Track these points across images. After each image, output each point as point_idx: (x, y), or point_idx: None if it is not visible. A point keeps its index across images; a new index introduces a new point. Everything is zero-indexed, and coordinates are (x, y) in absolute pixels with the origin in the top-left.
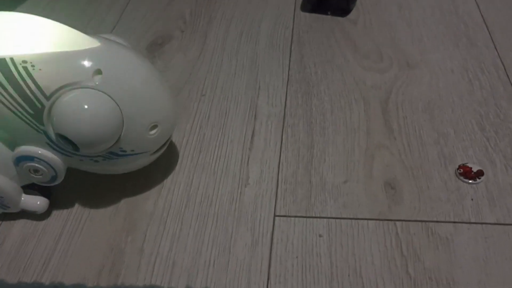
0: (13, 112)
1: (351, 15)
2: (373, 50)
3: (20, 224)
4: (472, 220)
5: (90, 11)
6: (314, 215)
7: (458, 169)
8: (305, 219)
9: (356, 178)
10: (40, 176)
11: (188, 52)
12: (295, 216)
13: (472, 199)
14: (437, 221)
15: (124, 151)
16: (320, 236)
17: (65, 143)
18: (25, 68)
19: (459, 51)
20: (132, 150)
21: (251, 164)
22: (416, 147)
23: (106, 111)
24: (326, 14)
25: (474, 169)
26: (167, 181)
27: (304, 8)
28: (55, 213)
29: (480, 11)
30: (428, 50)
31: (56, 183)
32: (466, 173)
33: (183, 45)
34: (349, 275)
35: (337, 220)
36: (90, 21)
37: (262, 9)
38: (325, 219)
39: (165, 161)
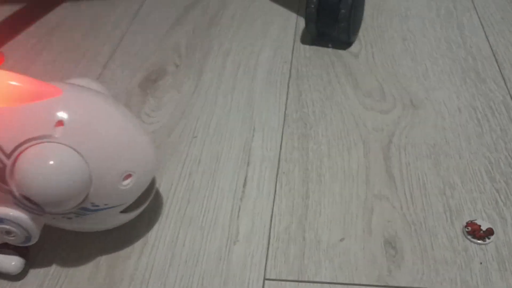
0: None
1: (353, 48)
2: (375, 87)
3: None
4: (481, 287)
5: (86, 45)
6: (307, 279)
7: (466, 226)
8: (297, 283)
9: (354, 234)
10: (13, 238)
11: (182, 88)
12: (286, 280)
13: (481, 263)
14: None
15: (97, 205)
16: None
17: (30, 204)
18: None
19: (466, 88)
20: (106, 204)
21: (242, 217)
22: (419, 199)
23: (70, 166)
24: (327, 46)
25: (483, 227)
26: (151, 236)
27: (304, 40)
28: (32, 272)
29: (489, 44)
30: (434, 86)
31: (31, 243)
32: (474, 231)
33: (177, 81)
34: None
35: (332, 285)
36: (84, 55)
37: (261, 40)
38: (318, 284)
39: (149, 212)
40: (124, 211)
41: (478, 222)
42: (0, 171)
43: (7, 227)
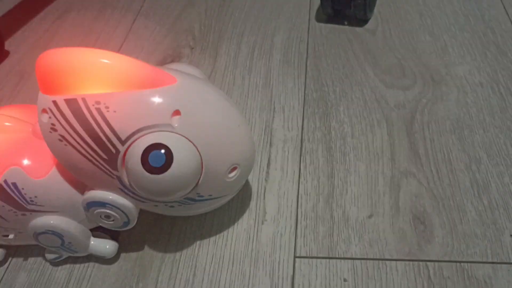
0: (85, 156)
1: (369, 25)
2: (395, 64)
3: (25, 270)
4: None
5: (97, 29)
6: (337, 256)
7: None
8: (328, 260)
9: (382, 211)
10: (112, 222)
11: None
12: (317, 257)
13: (511, 235)
14: (473, 262)
15: (202, 196)
16: (345, 280)
17: (137, 191)
18: (99, 110)
19: (487, 62)
20: (210, 195)
21: (268, 197)
22: (446, 174)
23: (186, 157)
24: (343, 24)
25: None
26: (179, 218)
27: (319, 18)
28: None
29: (508, 16)
30: (454, 61)
31: (127, 228)
32: None
33: (193, 63)
34: None
35: (363, 261)
36: (97, 39)
37: (274, 21)
38: (349, 261)
39: None
40: None
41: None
42: (112, 157)
43: (109, 211)
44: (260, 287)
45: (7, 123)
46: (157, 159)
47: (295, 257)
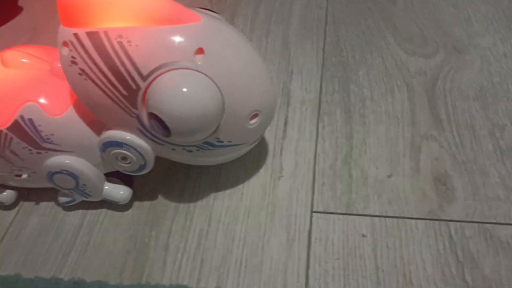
0: (104, 92)
1: None
2: (416, 33)
3: (37, 214)
4: None
5: None
6: (356, 213)
7: None
8: (345, 216)
9: (401, 172)
10: (128, 164)
11: None
12: (335, 213)
13: None
14: (496, 223)
15: (221, 141)
16: (363, 236)
17: (156, 131)
18: (121, 44)
19: (511, 34)
20: (230, 141)
21: (285, 155)
22: (468, 139)
23: (207, 96)
24: None
25: None
26: (193, 171)
27: None
28: (73, 204)
29: None
30: (477, 32)
31: (143, 172)
32: None
33: None
34: (398, 281)
35: (382, 218)
36: None
37: None
38: (368, 217)
39: None
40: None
41: None
42: (132, 93)
43: (126, 152)
44: (276, 239)
45: (23, 60)
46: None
47: (312, 211)
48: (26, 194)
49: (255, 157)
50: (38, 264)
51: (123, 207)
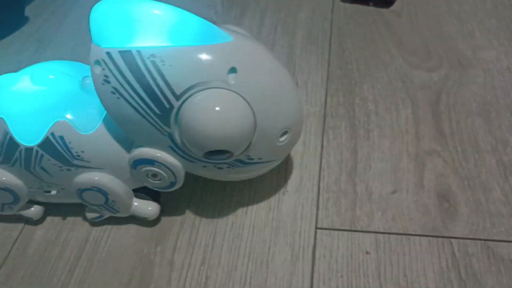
0: (137, 110)
1: (395, 7)
2: (420, 46)
3: (43, 229)
4: None
5: None
6: (360, 229)
7: None
8: (350, 233)
9: (405, 188)
10: (158, 181)
11: None
12: (339, 230)
13: None
14: (499, 240)
15: (252, 159)
16: (367, 253)
17: (188, 149)
18: (154, 63)
19: None
20: (260, 159)
21: (289, 169)
22: (471, 155)
23: (240, 115)
24: (368, 5)
25: None
26: (198, 186)
27: None
28: (79, 218)
29: None
30: (481, 46)
31: (173, 189)
32: None
33: None
34: None
35: (386, 235)
36: None
37: None
38: (372, 234)
39: None
40: None
41: None
42: (165, 112)
43: (157, 170)
44: (280, 256)
45: (52, 76)
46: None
47: (316, 228)
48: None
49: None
50: (44, 280)
51: (128, 221)
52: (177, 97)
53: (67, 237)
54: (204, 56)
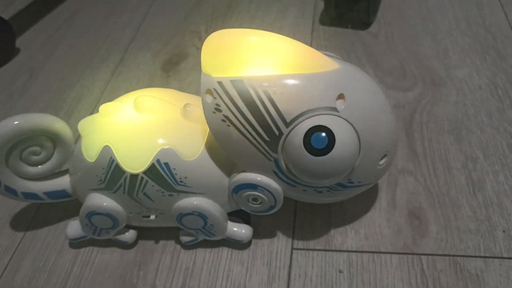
0: (246, 137)
1: (372, 28)
2: (396, 66)
3: (30, 257)
4: (505, 255)
5: (106, 30)
6: (334, 248)
7: None
8: (324, 252)
9: (378, 207)
10: (258, 205)
11: None
12: (314, 250)
13: (504, 231)
14: (466, 256)
15: (352, 182)
16: (340, 272)
17: (292, 175)
18: (266, 92)
19: (487, 66)
20: (359, 182)
21: None
22: (442, 172)
23: (348, 141)
24: (346, 27)
25: None
26: None
27: (323, 21)
28: (65, 246)
29: (508, 22)
30: (454, 65)
31: (271, 212)
32: None
33: (198, 63)
34: None
35: (358, 253)
36: (106, 39)
37: (279, 22)
38: (345, 253)
39: None
40: None
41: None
42: (274, 139)
43: (259, 194)
44: (257, 277)
45: (153, 104)
46: (320, 140)
47: (292, 248)
48: (21, 235)
49: None
50: None
51: (110, 247)
52: (287, 124)
53: (54, 264)
54: (313, 84)
